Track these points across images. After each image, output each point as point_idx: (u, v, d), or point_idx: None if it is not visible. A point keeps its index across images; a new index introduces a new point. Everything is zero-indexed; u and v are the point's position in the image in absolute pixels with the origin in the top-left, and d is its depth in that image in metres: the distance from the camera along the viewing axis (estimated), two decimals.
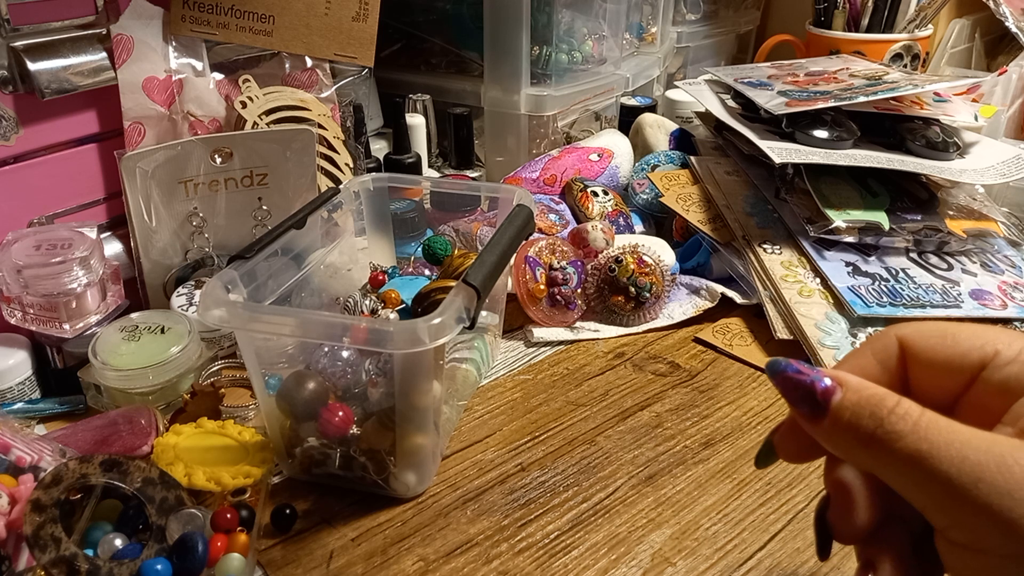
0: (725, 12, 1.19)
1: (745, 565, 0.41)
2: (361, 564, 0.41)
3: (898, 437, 0.24)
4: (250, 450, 0.45)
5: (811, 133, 0.66)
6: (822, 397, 0.26)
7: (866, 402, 0.25)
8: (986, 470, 0.23)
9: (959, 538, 0.24)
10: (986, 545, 0.24)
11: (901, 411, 0.25)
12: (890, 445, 0.24)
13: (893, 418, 0.24)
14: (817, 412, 0.26)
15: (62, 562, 0.36)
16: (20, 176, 0.55)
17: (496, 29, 0.82)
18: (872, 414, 0.25)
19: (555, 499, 0.46)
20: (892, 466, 0.25)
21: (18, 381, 0.53)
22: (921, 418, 0.24)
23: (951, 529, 0.24)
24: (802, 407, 0.26)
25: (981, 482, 0.23)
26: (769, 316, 0.61)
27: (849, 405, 0.25)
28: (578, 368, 0.59)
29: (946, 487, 0.23)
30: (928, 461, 0.24)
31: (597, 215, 0.71)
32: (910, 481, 0.24)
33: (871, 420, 0.25)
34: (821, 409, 0.26)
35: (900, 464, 0.24)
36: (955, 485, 0.23)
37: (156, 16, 0.60)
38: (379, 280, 0.60)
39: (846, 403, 0.25)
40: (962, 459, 0.23)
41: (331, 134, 0.68)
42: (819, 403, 0.26)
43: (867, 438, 0.25)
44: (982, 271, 0.64)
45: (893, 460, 0.24)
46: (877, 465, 0.25)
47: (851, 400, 0.25)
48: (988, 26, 1.15)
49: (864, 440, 0.25)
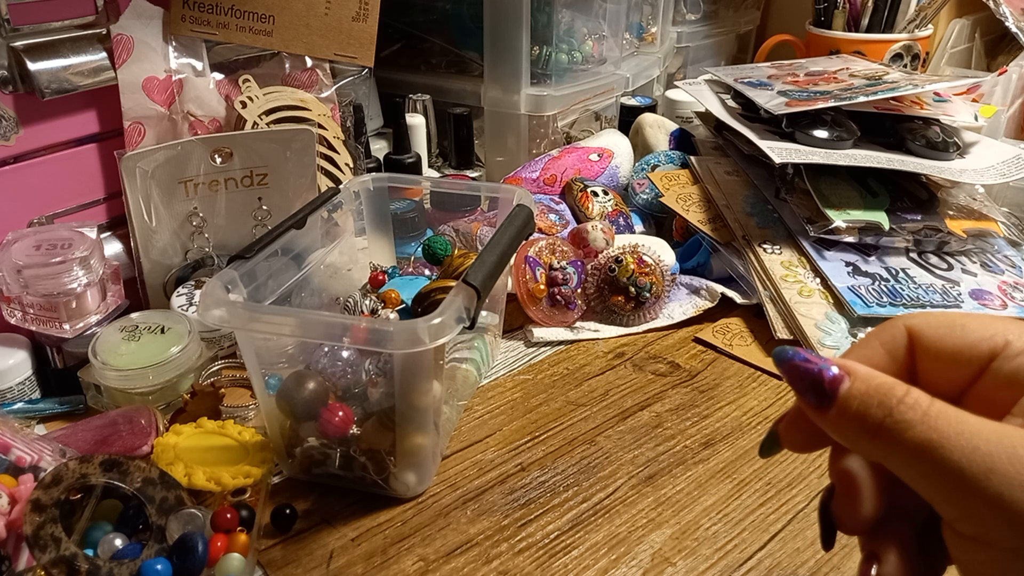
0: (725, 12, 1.19)
1: (745, 565, 0.41)
2: (361, 564, 0.41)
3: (907, 427, 0.24)
4: (250, 450, 0.45)
5: (811, 133, 0.66)
6: (829, 386, 0.25)
7: (875, 391, 0.25)
8: (997, 461, 0.22)
9: (967, 530, 0.24)
10: (994, 537, 0.23)
11: (911, 400, 0.24)
12: (899, 435, 0.24)
13: (902, 407, 0.24)
14: (824, 402, 0.26)
15: (62, 562, 0.36)
16: (20, 176, 0.55)
17: (496, 29, 0.82)
18: (881, 403, 0.24)
19: (555, 499, 0.46)
20: (900, 456, 0.24)
21: (18, 381, 0.53)
22: (931, 408, 0.24)
23: (959, 521, 0.24)
24: (808, 396, 0.26)
25: (992, 473, 0.22)
26: (769, 316, 0.61)
27: (857, 394, 0.25)
28: (578, 368, 0.59)
29: (956, 478, 0.23)
30: (938, 451, 0.23)
31: (597, 215, 0.71)
32: (918, 472, 0.24)
33: (879, 409, 0.24)
34: (828, 398, 0.25)
35: (909, 454, 0.24)
36: (965, 476, 0.23)
37: (156, 16, 0.60)
38: (379, 280, 0.60)
39: (854, 392, 0.25)
40: (973, 449, 0.23)
41: (331, 134, 0.68)
42: (826, 392, 0.25)
43: (875, 428, 0.24)
44: (982, 271, 0.64)
45: (901, 450, 0.24)
46: (885, 455, 0.25)
47: (859, 389, 0.25)
48: (988, 26, 1.15)
49: (872, 430, 0.25)
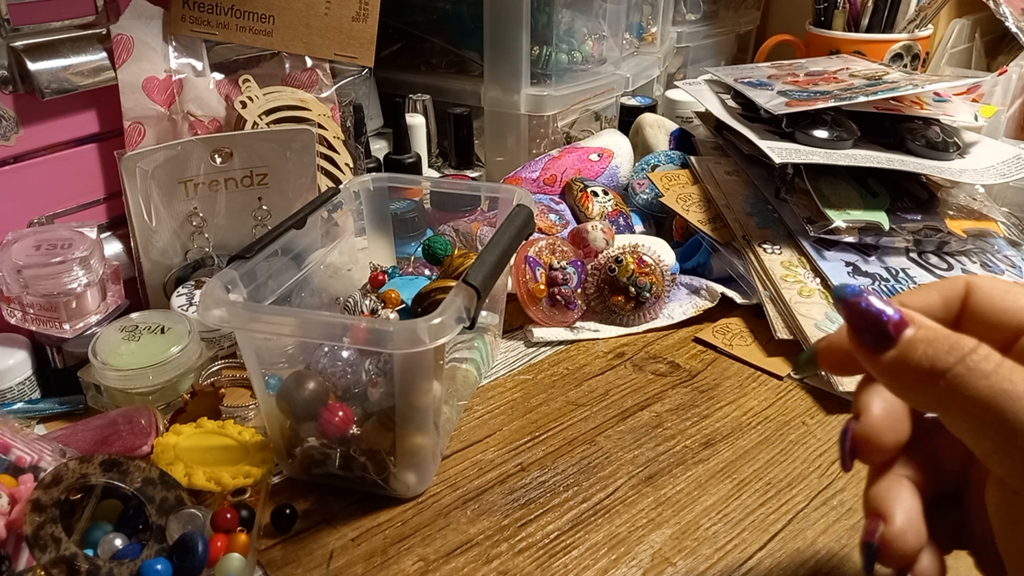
0: (725, 12, 1.19)
1: (745, 565, 0.41)
2: (361, 564, 0.41)
3: (981, 376, 0.24)
4: (250, 450, 0.45)
5: (811, 133, 0.66)
6: (894, 330, 0.25)
7: (944, 339, 0.25)
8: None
9: (1022, 486, 0.24)
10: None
11: (984, 352, 0.24)
12: (969, 384, 0.24)
13: (976, 357, 0.24)
14: (883, 344, 0.25)
15: (62, 562, 0.36)
16: (20, 176, 0.55)
17: (496, 29, 0.82)
18: (951, 350, 0.24)
19: (555, 499, 0.46)
20: (964, 407, 0.24)
21: (18, 381, 0.53)
22: (1004, 362, 0.24)
23: (1014, 476, 0.24)
24: (865, 337, 0.26)
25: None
26: (769, 316, 0.61)
27: (925, 340, 0.25)
28: (578, 368, 0.59)
29: (1021, 431, 0.23)
30: (1012, 402, 0.23)
31: (597, 215, 0.71)
32: (982, 423, 0.24)
33: (951, 355, 0.24)
34: (889, 341, 0.25)
35: (975, 405, 0.24)
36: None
37: (156, 16, 0.60)
38: (379, 280, 0.60)
39: (920, 337, 0.25)
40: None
41: (331, 134, 0.68)
42: (888, 335, 0.25)
43: (941, 374, 0.24)
44: (982, 271, 0.64)
45: (966, 400, 0.24)
46: (945, 404, 0.25)
47: (927, 336, 0.25)
48: (988, 26, 1.15)
49: (936, 376, 0.24)
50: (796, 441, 0.50)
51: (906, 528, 0.27)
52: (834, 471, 0.48)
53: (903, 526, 0.27)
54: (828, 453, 0.49)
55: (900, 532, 0.27)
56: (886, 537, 0.27)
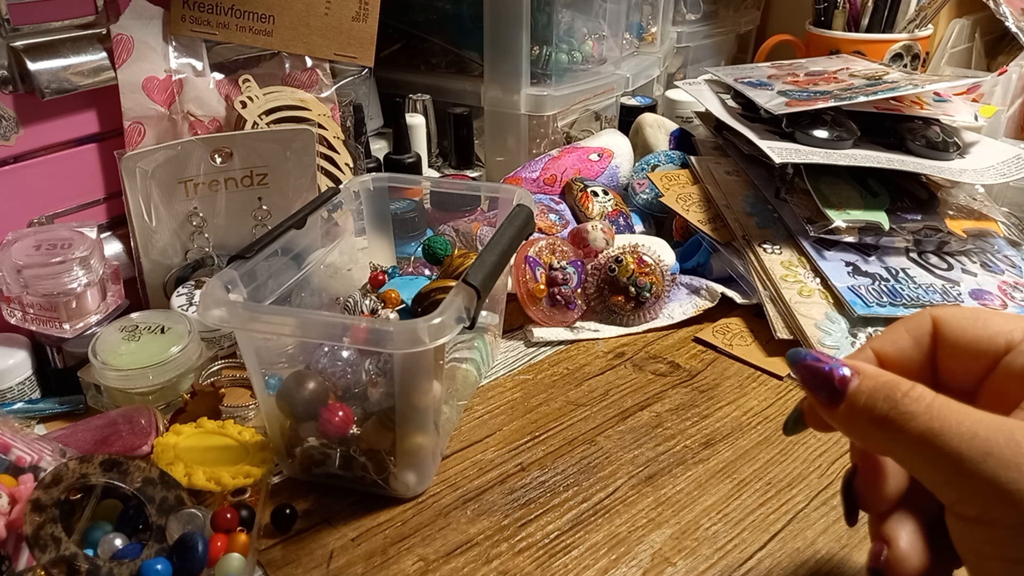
0: (725, 12, 1.19)
1: (745, 565, 0.41)
2: (361, 564, 0.41)
3: (911, 417, 0.26)
4: (250, 450, 0.45)
5: (811, 133, 0.66)
6: (840, 384, 0.27)
7: (881, 387, 0.27)
8: (994, 445, 0.24)
9: (968, 512, 0.25)
10: (994, 517, 0.25)
11: (915, 394, 0.26)
12: (903, 425, 0.26)
13: (907, 400, 0.26)
14: (834, 398, 0.28)
15: (62, 562, 0.36)
16: (20, 176, 0.55)
17: (496, 29, 0.82)
18: (887, 396, 0.26)
19: (555, 499, 0.46)
20: (905, 445, 0.26)
21: (18, 381, 0.53)
22: (934, 401, 0.26)
23: (960, 503, 0.26)
24: (820, 394, 0.28)
25: (989, 456, 0.24)
26: (769, 316, 0.61)
27: (865, 390, 0.27)
28: (578, 368, 0.59)
29: (956, 462, 0.25)
30: (940, 438, 0.25)
31: (597, 215, 0.71)
32: (921, 459, 0.26)
33: (886, 402, 0.26)
34: (839, 395, 0.27)
35: (912, 442, 0.26)
36: (964, 459, 0.24)
37: (156, 16, 0.60)
38: (379, 280, 0.60)
39: (862, 388, 0.27)
40: (972, 435, 0.24)
41: (331, 134, 0.68)
42: (837, 390, 0.28)
43: (881, 419, 0.26)
44: (982, 271, 0.64)
45: (905, 439, 0.26)
46: (891, 445, 0.27)
47: (867, 386, 0.27)
48: (988, 26, 1.15)
49: (878, 421, 0.26)
50: (796, 441, 0.50)
51: (909, 551, 0.29)
52: (834, 471, 0.48)
53: (907, 549, 0.29)
54: (828, 453, 0.49)
55: (904, 555, 0.29)
56: (891, 560, 0.29)
